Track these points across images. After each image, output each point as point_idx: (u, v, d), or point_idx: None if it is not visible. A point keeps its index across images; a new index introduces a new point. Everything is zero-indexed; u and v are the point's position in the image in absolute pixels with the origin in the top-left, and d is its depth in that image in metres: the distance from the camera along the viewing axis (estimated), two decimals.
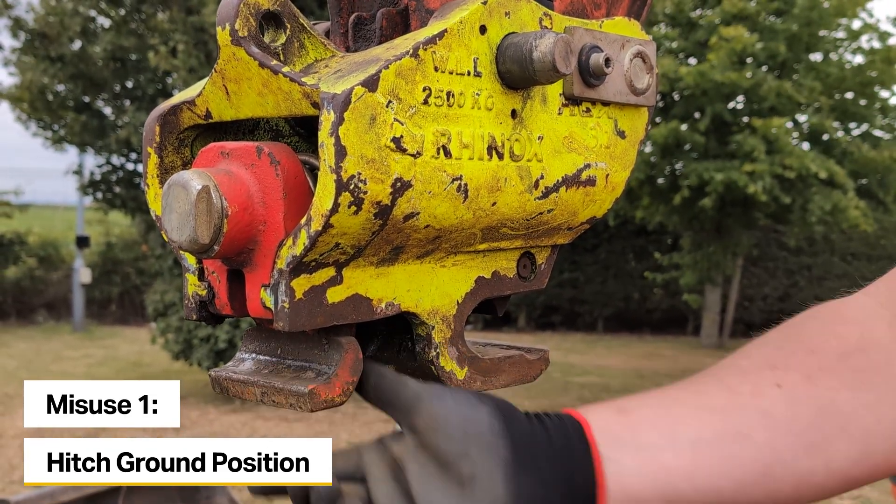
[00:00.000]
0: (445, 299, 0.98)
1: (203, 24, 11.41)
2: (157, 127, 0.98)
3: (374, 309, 0.91)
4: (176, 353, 11.63)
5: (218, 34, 0.88)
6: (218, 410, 11.03)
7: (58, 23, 13.65)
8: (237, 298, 0.91)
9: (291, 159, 0.87)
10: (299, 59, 0.89)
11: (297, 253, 0.83)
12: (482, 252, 1.01)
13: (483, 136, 0.91)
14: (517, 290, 1.06)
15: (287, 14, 0.89)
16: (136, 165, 15.44)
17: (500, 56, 0.92)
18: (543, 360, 1.08)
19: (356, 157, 0.80)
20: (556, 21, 0.99)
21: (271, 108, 0.88)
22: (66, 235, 23.89)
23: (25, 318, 21.19)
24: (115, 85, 14.62)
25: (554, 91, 0.99)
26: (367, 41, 0.99)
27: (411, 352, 1.00)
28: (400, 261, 0.92)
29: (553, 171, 0.99)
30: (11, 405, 11.08)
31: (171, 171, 0.99)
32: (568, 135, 1.01)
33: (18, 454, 9.05)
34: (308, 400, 0.86)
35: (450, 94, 0.88)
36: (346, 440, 9.47)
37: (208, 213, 0.83)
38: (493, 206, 0.94)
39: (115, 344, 17.51)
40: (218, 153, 0.90)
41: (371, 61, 0.85)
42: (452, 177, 0.89)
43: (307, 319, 0.85)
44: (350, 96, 0.80)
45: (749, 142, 14.56)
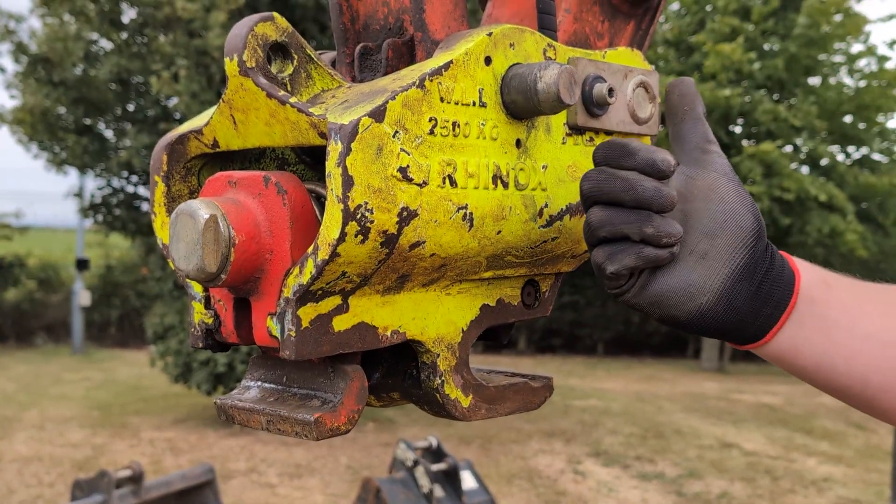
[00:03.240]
0: (450, 327, 0.98)
1: (205, 47, 11.46)
2: (165, 156, 0.99)
3: (379, 337, 0.91)
4: (175, 377, 11.58)
5: (226, 65, 0.89)
6: (216, 434, 10.99)
7: (61, 48, 13.70)
8: (243, 327, 0.91)
9: (298, 189, 0.87)
10: (306, 89, 0.90)
11: (304, 282, 0.83)
12: (487, 280, 1.01)
13: (488, 165, 0.92)
14: (521, 317, 1.07)
15: (294, 45, 0.90)
16: (136, 188, 15.45)
17: (505, 87, 0.93)
18: (548, 387, 1.09)
19: (363, 186, 0.81)
20: (559, 52, 1.00)
21: (279, 137, 0.89)
22: (65, 258, 23.88)
23: (25, 340, 21.13)
24: (117, 108, 14.66)
25: (558, 121, 1.00)
26: (373, 71, 1.00)
27: (416, 379, 1.00)
28: (406, 289, 0.93)
29: (557, 200, 1.00)
30: (10, 429, 11.04)
31: (178, 200, 1.00)
32: (572, 164, 1.02)
33: (16, 478, 9.00)
34: (314, 428, 0.86)
35: (455, 124, 0.89)
36: (345, 464, 9.43)
37: (216, 243, 0.83)
38: (498, 235, 0.95)
39: (114, 367, 17.46)
40: (225, 182, 0.90)
41: (378, 92, 0.85)
42: (458, 206, 0.89)
43: (313, 348, 0.86)
44: (357, 127, 0.81)
45: (745, 164, 14.61)
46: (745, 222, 0.94)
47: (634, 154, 0.92)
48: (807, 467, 9.82)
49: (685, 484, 9.05)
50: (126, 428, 11.36)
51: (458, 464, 5.50)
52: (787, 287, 0.96)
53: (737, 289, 0.93)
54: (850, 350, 0.96)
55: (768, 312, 0.95)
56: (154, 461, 9.59)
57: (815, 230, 15.49)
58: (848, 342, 0.96)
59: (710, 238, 0.93)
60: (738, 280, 0.93)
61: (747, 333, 0.96)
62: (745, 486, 9.04)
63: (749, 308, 0.94)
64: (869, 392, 0.97)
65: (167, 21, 12.23)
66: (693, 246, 0.93)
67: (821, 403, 14.10)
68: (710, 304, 0.93)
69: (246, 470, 9.32)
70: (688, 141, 0.98)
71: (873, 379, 0.96)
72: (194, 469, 5.70)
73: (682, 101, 0.99)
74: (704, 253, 0.93)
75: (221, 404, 0.94)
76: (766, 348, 0.97)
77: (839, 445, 11.00)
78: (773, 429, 11.92)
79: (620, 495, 8.66)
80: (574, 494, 8.62)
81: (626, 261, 0.91)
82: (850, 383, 0.97)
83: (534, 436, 11.06)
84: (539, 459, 9.90)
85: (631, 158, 0.92)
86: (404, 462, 5.57)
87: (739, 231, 0.93)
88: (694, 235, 0.93)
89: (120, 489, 5.05)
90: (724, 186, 0.95)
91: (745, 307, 0.94)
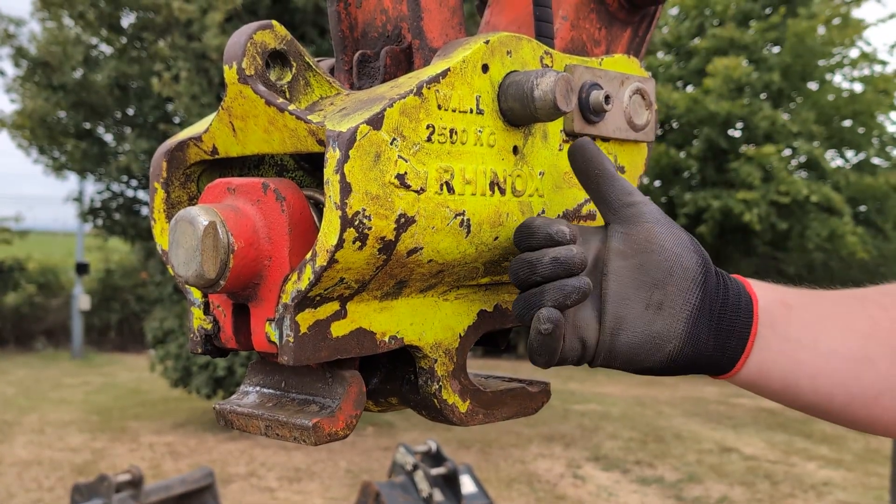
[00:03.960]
0: (448, 333, 0.98)
1: (204, 50, 11.47)
2: (164, 162, 1.00)
3: (377, 342, 0.92)
4: (175, 381, 11.57)
5: (225, 72, 0.89)
6: (216, 438, 10.98)
7: (60, 52, 13.72)
8: (242, 332, 0.92)
9: (297, 195, 0.88)
10: (305, 96, 0.91)
11: (302, 288, 0.84)
12: (484, 286, 1.02)
13: (485, 172, 0.93)
14: (519, 323, 1.07)
15: (293, 53, 0.90)
16: (136, 192, 15.47)
17: (502, 94, 0.94)
18: (545, 392, 1.09)
19: (361, 193, 0.82)
20: (556, 59, 1.00)
21: (277, 144, 0.89)
22: (65, 262, 23.87)
23: (24, 344, 21.12)
24: (117, 112, 14.67)
25: (555, 128, 1.00)
26: (371, 78, 1.01)
27: (414, 384, 1.00)
28: (403, 295, 0.93)
29: (554, 206, 1.01)
30: (10, 433, 11.03)
31: (177, 206, 1.01)
32: (569, 170, 1.02)
33: (16, 482, 8.99)
34: (312, 433, 0.86)
35: (453, 131, 0.90)
36: (344, 468, 9.42)
37: (215, 249, 0.84)
38: (496, 241, 0.95)
39: (113, 371, 17.45)
40: (224, 189, 0.91)
41: (376, 100, 0.86)
42: (455, 212, 0.90)
43: (311, 353, 0.86)
44: (355, 134, 0.81)
45: (745, 169, 14.63)
46: (688, 263, 0.97)
47: (534, 233, 0.94)
48: (806, 471, 9.82)
49: (685, 488, 9.05)
50: (126, 432, 11.36)
51: (457, 468, 5.50)
52: (747, 315, 0.99)
53: (699, 328, 0.96)
54: (814, 368, 0.99)
55: (733, 345, 0.98)
56: (153, 465, 9.59)
57: (815, 234, 15.50)
58: (812, 360, 0.99)
59: (661, 287, 0.96)
60: (697, 320, 0.96)
61: (719, 366, 0.99)
62: (744, 490, 9.03)
63: (714, 344, 0.97)
64: (835, 407, 1.01)
65: (166, 24, 12.25)
66: (647, 300, 0.96)
67: None
68: (677, 349, 0.96)
69: (245, 474, 9.31)
70: (611, 201, 0.99)
71: (837, 394, 1.00)
72: (194, 473, 5.70)
73: (590, 165, 0.99)
74: (660, 303, 0.95)
75: (220, 409, 0.95)
76: (738, 378, 1.01)
77: (839, 449, 11.00)
78: (773, 433, 11.92)
79: (620, 500, 8.65)
80: (574, 499, 8.62)
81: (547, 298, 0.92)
82: (817, 400, 1.01)
83: (533, 440, 11.06)
84: (538, 464, 9.90)
85: (532, 238, 0.94)
86: (404, 466, 5.57)
87: (686, 273, 0.96)
88: (645, 289, 0.96)
89: (119, 493, 5.05)
90: (660, 234, 0.97)
91: (710, 344, 0.97)
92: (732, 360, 0.98)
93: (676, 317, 0.95)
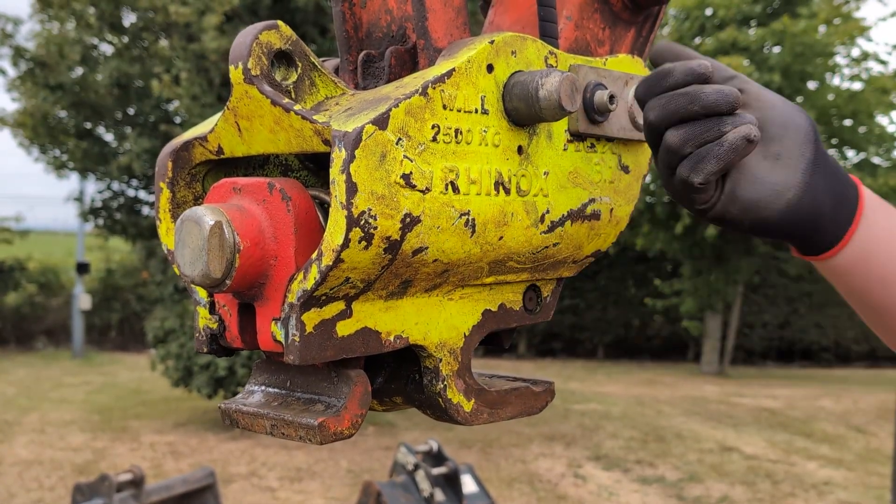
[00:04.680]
0: (453, 332, 0.99)
1: (203, 51, 11.47)
2: (170, 162, 1.00)
3: (382, 342, 0.92)
4: (176, 380, 11.59)
5: (231, 73, 0.89)
6: (217, 438, 10.99)
7: (57, 51, 13.71)
8: (248, 332, 0.92)
9: (302, 195, 0.88)
10: (310, 96, 0.91)
11: (308, 287, 0.84)
12: (489, 285, 1.02)
13: (490, 171, 0.93)
14: (523, 322, 1.07)
15: (298, 53, 0.91)
16: (136, 192, 15.46)
17: (507, 94, 0.94)
18: (549, 392, 1.09)
19: (367, 193, 0.82)
20: (561, 59, 1.00)
21: (283, 144, 0.90)
22: (66, 261, 23.88)
23: (25, 344, 21.13)
24: (117, 112, 14.67)
25: (559, 127, 1.01)
26: (375, 78, 1.01)
27: (419, 384, 1.00)
28: (408, 294, 0.93)
29: (558, 206, 1.01)
30: (10, 432, 11.03)
31: (182, 206, 1.01)
32: (573, 170, 1.02)
33: (17, 482, 9.00)
34: (318, 433, 0.87)
35: (458, 131, 0.90)
36: (345, 468, 9.43)
37: (221, 249, 0.84)
38: (500, 241, 0.95)
39: (114, 371, 17.46)
40: (230, 189, 0.91)
41: (381, 100, 0.86)
42: (460, 212, 0.90)
43: (317, 353, 0.86)
44: (361, 134, 0.81)
45: None
46: (801, 121, 1.00)
47: (671, 72, 0.95)
48: (807, 471, 9.82)
49: (685, 488, 9.05)
50: (126, 432, 11.37)
51: (458, 467, 5.51)
52: (853, 188, 1.02)
53: (815, 181, 0.98)
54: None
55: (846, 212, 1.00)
56: (155, 465, 9.59)
57: None
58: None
59: (778, 141, 0.98)
60: (814, 172, 0.98)
61: (831, 232, 1.00)
62: (745, 489, 9.04)
63: (831, 202, 0.99)
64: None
65: (166, 25, 12.25)
66: (765, 152, 0.98)
67: (821, 407, 14.10)
68: (796, 197, 0.97)
69: (247, 474, 9.32)
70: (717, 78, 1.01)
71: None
72: (195, 473, 5.71)
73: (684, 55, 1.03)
74: (777, 154, 0.97)
75: (226, 409, 0.95)
76: (844, 253, 1.01)
77: (839, 449, 11.00)
78: (774, 432, 11.92)
79: (621, 499, 8.66)
80: (574, 498, 8.62)
81: (708, 165, 0.93)
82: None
83: (534, 439, 11.06)
84: (539, 463, 9.90)
85: (671, 77, 0.95)
86: (405, 466, 5.58)
87: (800, 129, 0.99)
88: (762, 142, 0.98)
89: (121, 493, 5.06)
90: (769, 95, 1.01)
91: (826, 201, 0.99)
92: (844, 225, 1.00)
93: (794, 167, 0.97)
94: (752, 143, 0.92)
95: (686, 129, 0.94)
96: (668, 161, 0.96)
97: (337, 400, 0.90)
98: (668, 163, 0.96)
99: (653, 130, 0.96)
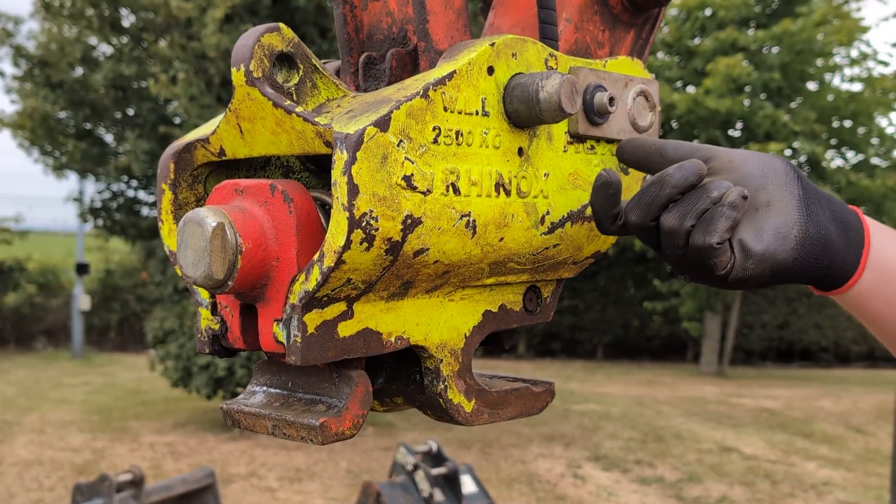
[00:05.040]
0: (453, 333, 0.99)
1: (203, 48, 11.47)
2: (172, 164, 1.00)
3: (383, 343, 0.92)
4: (175, 381, 11.58)
5: (233, 75, 0.90)
6: (216, 438, 10.99)
7: (58, 50, 13.72)
8: (250, 332, 0.93)
9: (304, 196, 0.89)
10: (312, 98, 0.92)
11: (310, 288, 0.84)
12: (489, 286, 1.02)
13: (491, 173, 0.93)
14: (523, 323, 1.08)
15: (300, 55, 0.91)
16: (136, 192, 15.47)
17: (508, 96, 0.94)
18: (549, 392, 1.10)
19: (368, 195, 0.82)
20: (561, 61, 1.01)
21: (284, 146, 0.90)
22: (65, 262, 23.87)
23: (24, 344, 21.13)
24: (116, 112, 14.68)
25: (559, 129, 1.01)
26: (377, 80, 1.01)
27: (420, 384, 1.01)
28: (409, 295, 0.94)
29: (559, 207, 1.01)
30: (10, 433, 11.03)
31: (184, 208, 1.01)
32: (573, 171, 1.03)
33: (17, 482, 9.00)
34: (319, 433, 0.87)
35: (459, 133, 0.90)
36: (345, 468, 9.43)
37: (223, 250, 0.84)
38: (501, 242, 0.96)
39: (114, 371, 17.46)
40: (232, 190, 0.91)
41: (382, 101, 0.87)
42: (461, 213, 0.90)
43: (319, 353, 0.87)
44: (362, 136, 0.82)
45: None
46: (777, 165, 1.01)
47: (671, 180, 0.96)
48: (806, 471, 9.83)
49: (685, 488, 9.06)
50: (126, 432, 11.37)
51: (458, 468, 5.51)
52: (852, 212, 1.02)
53: (813, 212, 0.99)
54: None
55: (853, 235, 1.01)
56: (154, 465, 9.60)
57: None
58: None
59: (763, 189, 0.99)
60: (809, 205, 0.99)
61: (844, 260, 1.01)
62: (744, 490, 9.04)
63: (835, 228, 1.00)
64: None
65: (166, 24, 12.25)
66: (755, 203, 0.98)
67: (820, 407, 14.11)
68: (801, 232, 0.98)
69: (246, 474, 9.32)
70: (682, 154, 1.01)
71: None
72: (195, 473, 5.71)
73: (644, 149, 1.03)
74: (767, 202, 0.98)
75: (227, 409, 0.96)
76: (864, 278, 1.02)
77: (839, 449, 11.00)
78: (773, 433, 11.92)
79: (620, 499, 8.66)
80: (574, 499, 8.63)
81: (720, 224, 0.94)
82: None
83: (534, 440, 11.07)
84: (539, 464, 9.91)
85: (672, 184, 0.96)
86: (404, 466, 5.58)
87: (778, 172, 1.00)
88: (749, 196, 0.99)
89: (121, 493, 5.06)
90: (739, 152, 1.02)
91: (830, 227, 1.00)
92: (857, 249, 1.01)
93: (787, 206, 0.98)
94: (746, 199, 0.95)
95: (676, 207, 0.95)
96: (674, 243, 0.96)
97: (338, 400, 0.91)
98: (675, 244, 0.96)
99: (641, 230, 0.97)
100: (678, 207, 0.95)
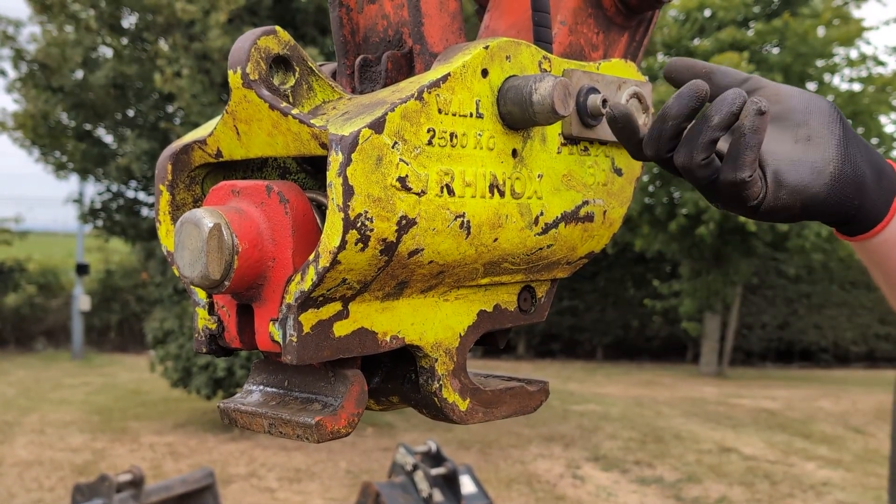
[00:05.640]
0: (448, 332, 1.00)
1: (205, 51, 11.47)
2: (170, 165, 1.01)
3: (379, 342, 0.93)
4: (175, 381, 11.59)
5: (230, 77, 0.91)
6: (216, 439, 11.00)
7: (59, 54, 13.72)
8: (246, 332, 0.94)
9: (300, 197, 0.90)
10: (308, 100, 0.93)
11: (306, 288, 0.85)
12: (484, 286, 1.04)
13: (485, 174, 0.94)
14: (518, 322, 1.09)
15: (296, 58, 0.92)
16: (136, 193, 15.46)
17: (501, 98, 0.95)
18: (543, 391, 1.11)
19: (363, 196, 0.83)
20: (554, 64, 1.02)
21: (281, 148, 0.91)
22: (65, 263, 23.87)
23: (24, 345, 21.13)
24: (117, 113, 14.67)
25: (553, 131, 1.02)
26: (372, 83, 1.03)
27: (415, 383, 1.02)
28: (404, 295, 0.95)
29: (552, 208, 1.02)
30: (10, 433, 11.04)
31: (182, 209, 1.02)
32: (567, 173, 1.04)
33: (17, 482, 9.01)
34: (315, 431, 0.88)
35: (453, 134, 0.91)
36: (344, 469, 9.44)
37: (219, 250, 0.85)
38: (495, 242, 0.97)
39: (114, 371, 17.47)
40: (228, 191, 0.93)
41: (377, 104, 0.88)
42: (455, 214, 0.91)
43: (314, 353, 0.88)
44: (357, 138, 0.83)
45: None
46: (821, 104, 1.03)
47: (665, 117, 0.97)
48: (805, 472, 9.84)
49: (684, 488, 9.06)
50: (126, 432, 11.37)
51: (457, 468, 5.52)
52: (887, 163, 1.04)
53: (851, 153, 1.01)
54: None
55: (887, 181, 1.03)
56: (154, 465, 9.60)
57: (814, 234, 15.52)
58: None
59: (805, 125, 1.01)
60: (848, 145, 1.01)
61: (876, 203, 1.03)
62: (743, 490, 9.05)
63: (870, 171, 1.02)
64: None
65: (167, 25, 12.25)
66: (796, 136, 1.00)
67: (820, 408, 14.12)
68: (837, 170, 0.99)
69: (246, 474, 9.33)
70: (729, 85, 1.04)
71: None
72: (194, 473, 5.72)
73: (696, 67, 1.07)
74: (808, 136, 1.00)
75: (224, 408, 0.97)
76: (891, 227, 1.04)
77: (838, 450, 11.01)
78: (772, 433, 11.93)
79: (619, 500, 8.67)
80: (573, 499, 8.64)
81: (747, 156, 0.94)
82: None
83: (533, 440, 11.08)
84: (538, 464, 9.91)
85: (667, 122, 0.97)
86: (404, 466, 5.59)
87: (823, 111, 1.03)
88: (790, 130, 1.01)
89: (120, 493, 5.07)
90: (785, 87, 1.05)
91: (866, 169, 1.01)
92: (889, 194, 1.03)
93: (827, 144, 1.00)
94: (763, 114, 0.93)
95: (683, 143, 0.96)
96: (697, 177, 0.96)
97: (334, 399, 0.92)
98: (698, 178, 0.96)
99: (661, 164, 0.99)
100: (684, 144, 0.96)
